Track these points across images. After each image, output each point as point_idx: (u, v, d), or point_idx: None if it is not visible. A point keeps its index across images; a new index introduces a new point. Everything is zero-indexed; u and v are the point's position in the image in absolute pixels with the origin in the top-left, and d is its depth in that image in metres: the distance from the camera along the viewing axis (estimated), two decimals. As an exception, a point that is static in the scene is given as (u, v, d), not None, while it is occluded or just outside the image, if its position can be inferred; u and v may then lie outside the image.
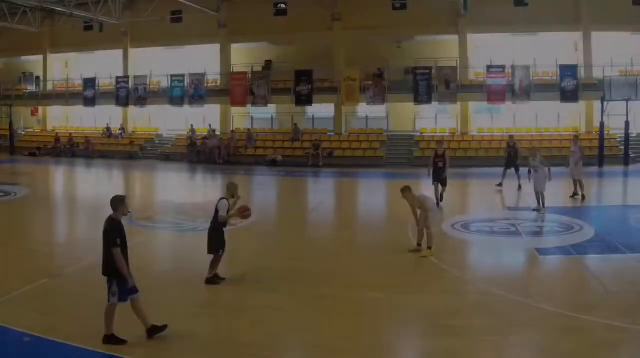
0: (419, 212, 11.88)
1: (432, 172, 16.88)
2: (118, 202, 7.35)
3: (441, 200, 16.51)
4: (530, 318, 8.35)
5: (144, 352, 7.21)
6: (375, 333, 7.93)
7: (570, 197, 17.81)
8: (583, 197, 17.59)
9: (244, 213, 10.01)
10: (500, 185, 20.66)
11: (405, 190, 11.79)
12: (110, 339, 7.19)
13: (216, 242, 9.76)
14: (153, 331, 7.39)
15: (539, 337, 7.76)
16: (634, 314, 8.29)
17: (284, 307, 8.88)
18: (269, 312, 8.64)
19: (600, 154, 28.03)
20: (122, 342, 7.18)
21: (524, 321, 8.24)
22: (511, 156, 21.35)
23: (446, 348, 7.41)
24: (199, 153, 30.95)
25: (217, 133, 31.59)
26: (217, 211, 9.77)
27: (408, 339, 8.12)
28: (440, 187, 16.83)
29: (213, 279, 9.68)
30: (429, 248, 11.59)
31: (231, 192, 10.07)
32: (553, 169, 16.15)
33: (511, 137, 22.80)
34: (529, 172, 16.55)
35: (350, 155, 29.95)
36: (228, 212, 9.72)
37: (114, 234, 7.12)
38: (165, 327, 7.46)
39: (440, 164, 16.77)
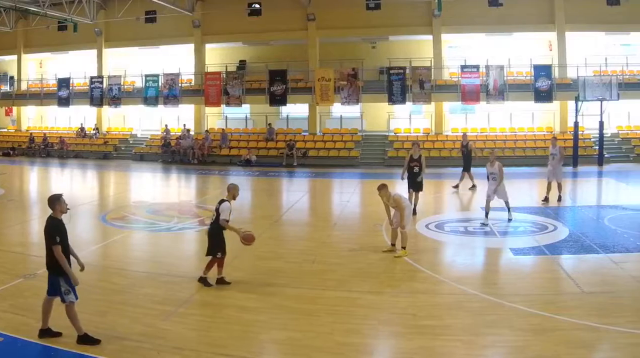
0: (393, 211, 11.82)
1: (407, 178, 15.87)
2: (54, 201, 7.33)
3: (414, 213, 15.11)
4: (505, 318, 8.38)
5: (118, 350, 7.17)
6: (350, 333, 7.92)
7: (543, 201, 17.28)
8: (559, 198, 17.22)
9: (248, 242, 9.90)
10: (456, 186, 20.61)
11: (382, 188, 11.76)
12: (84, 339, 7.20)
13: (216, 245, 9.66)
14: (47, 333, 7.37)
15: (513, 336, 7.77)
16: (609, 314, 8.34)
17: (258, 306, 8.88)
18: (243, 311, 8.64)
19: (575, 154, 28.02)
20: (96, 341, 7.19)
21: (498, 321, 8.27)
22: (464, 155, 21.11)
23: (420, 348, 7.42)
24: (173, 153, 30.75)
25: (192, 133, 31.42)
26: (218, 214, 9.62)
27: (382, 339, 8.09)
28: (414, 196, 15.80)
29: (222, 280, 9.66)
30: (403, 248, 11.60)
31: (232, 193, 9.88)
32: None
33: (464, 135, 22.62)
34: (488, 178, 15.57)
35: (324, 155, 29.80)
36: (230, 214, 9.62)
37: (54, 232, 7.15)
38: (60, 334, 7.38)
39: (416, 169, 15.60)
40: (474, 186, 20.02)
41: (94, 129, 34.36)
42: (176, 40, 32.67)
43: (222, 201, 9.65)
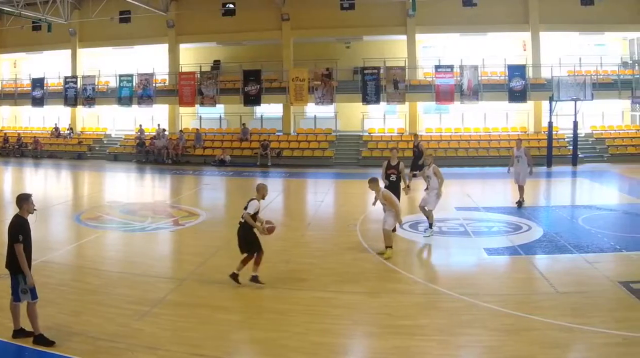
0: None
1: (386, 187, 13.41)
2: (22, 200, 7.33)
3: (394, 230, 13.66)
4: (479, 318, 8.36)
5: (92, 350, 7.14)
6: (324, 333, 7.90)
7: (517, 203, 16.83)
8: (520, 203, 16.78)
9: (269, 233, 10.04)
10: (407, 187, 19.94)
11: (372, 181, 11.72)
12: (39, 339, 7.19)
13: (251, 242, 9.74)
14: (20, 333, 7.36)
15: (487, 336, 7.74)
16: (583, 314, 8.34)
17: (232, 306, 8.89)
18: (218, 311, 8.62)
19: (549, 153, 27.99)
20: (50, 343, 7.16)
21: (472, 321, 8.25)
22: (415, 155, 20.64)
23: (395, 348, 7.39)
24: (147, 153, 30.54)
25: (166, 133, 31.29)
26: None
27: (357, 339, 8.07)
28: None
29: (255, 278, 9.60)
30: (390, 247, 11.55)
31: (261, 193, 9.99)
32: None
33: (415, 136, 22.38)
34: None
35: (298, 155, 29.63)
36: (257, 212, 9.73)
37: (17, 231, 7.13)
38: (32, 333, 7.36)
39: (394, 178, 13.77)
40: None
41: (68, 129, 34.10)
42: (150, 40, 32.47)
43: (251, 199, 9.78)
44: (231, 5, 31.46)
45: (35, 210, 7.55)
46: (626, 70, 31.13)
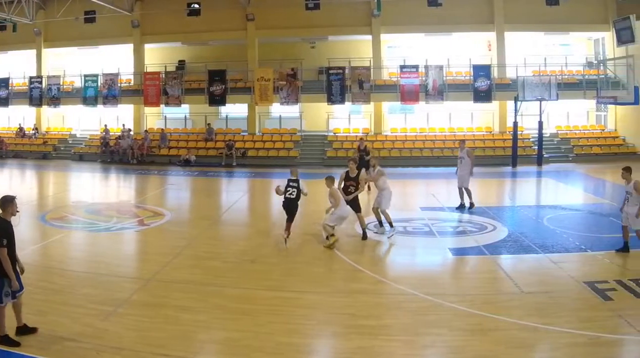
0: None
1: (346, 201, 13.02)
2: (7, 202, 7.32)
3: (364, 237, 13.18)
4: (444, 318, 8.39)
5: (58, 350, 7.14)
6: (289, 333, 7.91)
7: (457, 208, 16.45)
8: (472, 205, 16.31)
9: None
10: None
11: (328, 179, 12.66)
12: (4, 340, 7.21)
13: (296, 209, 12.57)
14: (24, 330, 7.45)
15: (452, 336, 7.76)
16: (548, 314, 8.39)
17: (197, 306, 8.85)
18: (182, 311, 8.62)
19: (514, 154, 27.90)
20: (16, 344, 7.19)
21: (437, 321, 8.28)
22: (363, 159, 18.95)
23: (359, 348, 7.41)
24: (112, 153, 30.28)
25: (131, 133, 31.11)
26: (299, 189, 12.53)
27: (322, 339, 8.07)
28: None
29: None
30: (332, 235, 12.23)
31: (295, 174, 12.82)
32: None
33: (361, 140, 21.82)
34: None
35: (263, 155, 29.43)
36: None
37: (0, 235, 7.10)
38: (35, 329, 7.53)
39: (352, 189, 13.08)
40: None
41: (33, 129, 33.71)
42: (115, 40, 32.19)
43: (295, 180, 12.71)
44: (196, 5, 31.26)
45: (17, 211, 7.61)
46: (591, 70, 31.08)
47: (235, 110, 32.21)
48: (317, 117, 31.61)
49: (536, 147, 28.28)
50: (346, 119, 31.71)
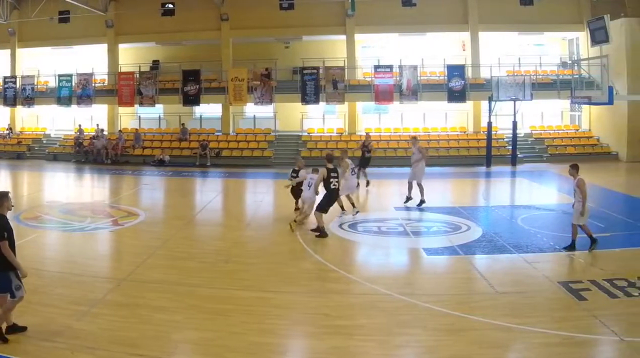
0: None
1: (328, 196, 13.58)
2: (3, 197, 7.42)
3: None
4: (418, 318, 8.40)
5: (33, 350, 7.15)
6: (263, 333, 7.91)
7: (404, 203, 16.85)
8: (422, 202, 16.51)
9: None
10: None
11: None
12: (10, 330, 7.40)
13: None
14: (13, 329, 7.54)
15: (426, 336, 7.77)
16: (522, 314, 8.41)
17: (172, 306, 8.84)
18: (157, 311, 8.62)
19: (488, 153, 27.81)
20: (5, 340, 7.30)
21: (411, 321, 8.29)
22: (364, 156, 21.70)
23: (333, 348, 7.41)
24: (86, 153, 30.07)
25: (105, 133, 30.96)
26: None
27: (296, 339, 8.08)
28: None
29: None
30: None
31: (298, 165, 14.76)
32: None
33: (367, 135, 22.95)
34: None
35: (238, 155, 29.26)
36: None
37: (0, 228, 7.21)
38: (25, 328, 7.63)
39: (335, 183, 13.56)
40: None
41: (7, 129, 33.38)
42: (89, 40, 31.95)
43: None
44: (170, 5, 31.08)
45: (12, 206, 7.81)
46: (565, 70, 31.08)
47: (209, 110, 32.03)
48: (291, 117, 31.46)
49: (510, 147, 28.21)
50: (320, 119, 31.57)
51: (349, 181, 15.90)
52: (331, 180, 13.33)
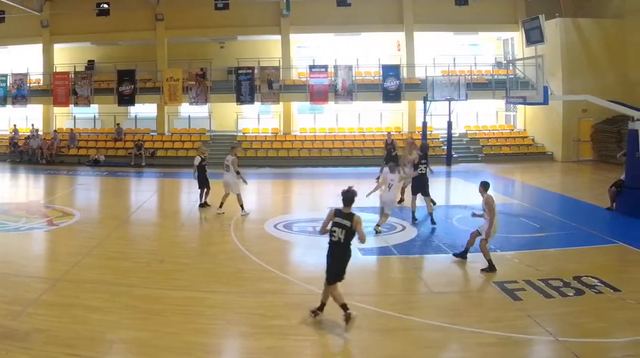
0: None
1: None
2: None
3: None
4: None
5: None
6: (198, 333, 7.84)
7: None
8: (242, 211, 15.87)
9: None
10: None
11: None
12: None
13: None
14: None
15: (362, 336, 7.72)
16: (457, 314, 8.45)
17: (106, 306, 8.76)
18: (91, 311, 8.53)
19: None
20: None
21: None
22: (390, 154, 21.47)
23: (268, 348, 7.40)
24: (21, 153, 29.59)
25: (40, 133, 30.61)
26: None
27: (231, 339, 8.02)
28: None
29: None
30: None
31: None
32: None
33: (389, 134, 23.61)
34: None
35: (172, 155, 28.91)
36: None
37: None
38: None
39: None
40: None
41: (-59, 130, 33.31)
42: (24, 41, 31.42)
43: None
44: (105, 5, 30.77)
45: None
46: (500, 70, 31.05)
47: (144, 110, 31.66)
48: (227, 117, 31.24)
49: (445, 147, 28.11)
50: (255, 119, 31.33)
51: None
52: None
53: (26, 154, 29.80)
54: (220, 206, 15.78)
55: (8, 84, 31.14)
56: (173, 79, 29.67)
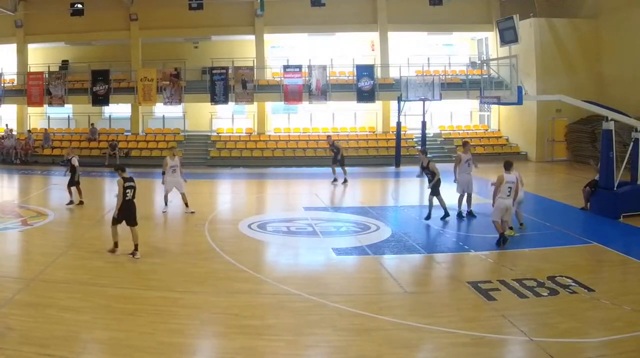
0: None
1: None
2: None
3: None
4: (328, 318, 8.35)
5: None
6: (172, 333, 7.82)
7: (163, 212, 16.32)
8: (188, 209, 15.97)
9: None
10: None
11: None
12: None
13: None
14: None
15: (336, 336, 7.72)
16: (431, 314, 8.45)
17: (81, 306, 8.70)
18: (65, 311, 8.48)
19: (397, 153, 27.50)
20: None
21: (321, 321, 8.25)
22: (334, 153, 22.06)
23: (242, 348, 7.36)
24: (-5, 153, 29.86)
25: (14, 133, 30.30)
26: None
27: (205, 339, 7.96)
28: None
29: None
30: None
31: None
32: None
33: (329, 136, 23.50)
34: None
35: (147, 155, 28.53)
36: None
37: None
38: None
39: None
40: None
41: None
42: (-2, 40, 31.53)
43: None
44: (79, 5, 30.27)
45: None
46: (474, 70, 30.81)
47: (118, 110, 31.29)
48: (201, 117, 30.93)
49: (420, 147, 27.85)
50: (230, 119, 31.02)
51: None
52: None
53: (0, 154, 29.53)
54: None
55: (-18, 84, 30.86)
56: (147, 79, 29.34)
